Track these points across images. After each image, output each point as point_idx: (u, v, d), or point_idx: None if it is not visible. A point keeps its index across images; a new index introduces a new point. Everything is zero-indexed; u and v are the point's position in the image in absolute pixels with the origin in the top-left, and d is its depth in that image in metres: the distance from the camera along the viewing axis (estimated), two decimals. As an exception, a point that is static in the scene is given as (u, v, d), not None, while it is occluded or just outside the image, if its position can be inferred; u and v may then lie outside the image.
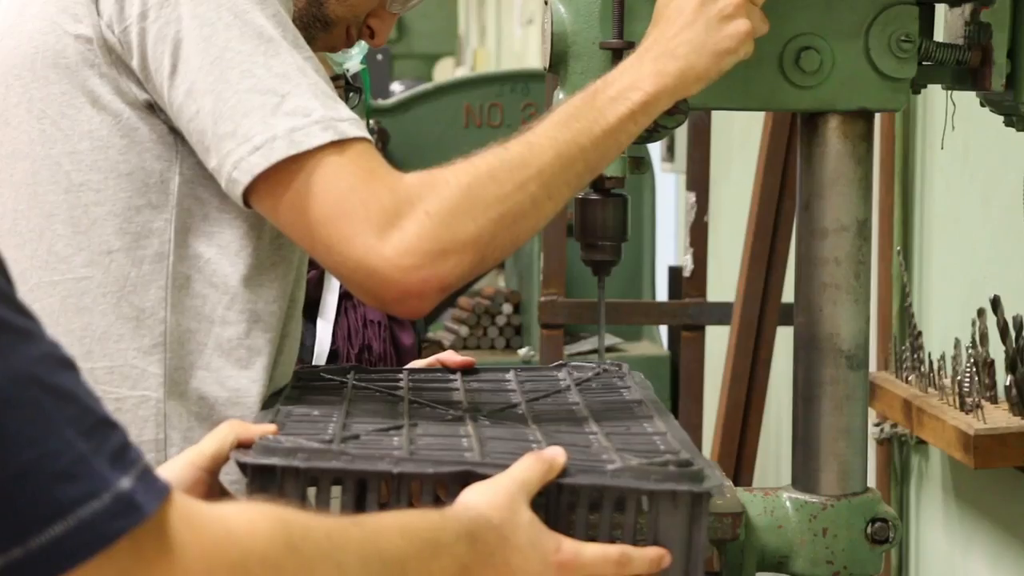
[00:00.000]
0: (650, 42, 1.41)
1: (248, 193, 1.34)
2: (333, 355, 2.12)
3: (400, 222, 1.30)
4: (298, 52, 1.36)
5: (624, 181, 1.52)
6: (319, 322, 2.13)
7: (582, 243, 1.53)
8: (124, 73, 1.39)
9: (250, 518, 0.93)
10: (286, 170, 1.32)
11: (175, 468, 1.23)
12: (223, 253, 1.42)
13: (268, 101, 1.32)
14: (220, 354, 1.43)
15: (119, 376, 1.41)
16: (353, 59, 2.06)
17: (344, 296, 2.27)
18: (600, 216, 1.51)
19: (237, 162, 1.32)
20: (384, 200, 1.31)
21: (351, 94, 2.05)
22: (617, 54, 1.46)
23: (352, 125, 1.34)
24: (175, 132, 1.39)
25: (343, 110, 1.35)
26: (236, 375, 1.43)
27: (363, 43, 2.02)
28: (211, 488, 1.24)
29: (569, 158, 1.36)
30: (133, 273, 1.41)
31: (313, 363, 2.10)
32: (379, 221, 1.30)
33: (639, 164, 1.53)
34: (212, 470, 1.24)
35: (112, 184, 1.40)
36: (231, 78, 1.32)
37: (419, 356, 1.85)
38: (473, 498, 1.14)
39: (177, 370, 1.42)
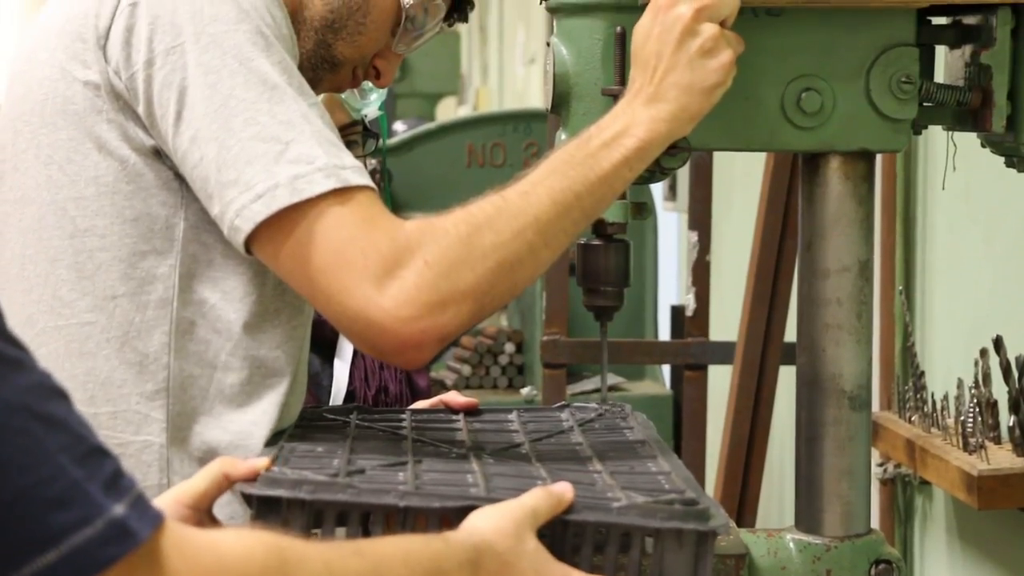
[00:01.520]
0: (637, 88, 1.42)
1: (250, 241, 1.34)
2: (350, 396, 2.12)
3: (399, 271, 1.30)
4: (303, 99, 1.36)
5: (626, 227, 1.52)
6: (336, 363, 2.13)
7: (584, 289, 1.53)
8: (131, 119, 1.39)
9: (245, 544, 0.93)
10: (288, 218, 1.32)
11: (161, 504, 1.23)
12: (227, 299, 1.42)
13: (271, 149, 1.32)
14: (222, 400, 1.43)
15: (122, 421, 1.41)
16: (371, 105, 2.07)
17: None
18: (602, 262, 1.52)
19: (239, 210, 1.33)
20: (383, 249, 1.31)
21: (368, 140, 2.06)
22: (618, 100, 1.46)
23: (355, 173, 1.34)
24: (180, 178, 1.40)
25: (347, 157, 1.35)
26: (238, 419, 1.43)
27: (383, 90, 2.03)
28: (199, 525, 1.23)
29: (565, 205, 1.36)
30: (137, 318, 1.41)
31: (330, 404, 2.09)
32: (378, 271, 1.30)
33: (641, 210, 1.54)
34: (201, 507, 1.24)
35: (117, 230, 1.41)
36: (235, 126, 1.33)
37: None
38: (479, 523, 1.14)
39: (180, 415, 1.42)
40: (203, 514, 1.24)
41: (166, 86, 1.36)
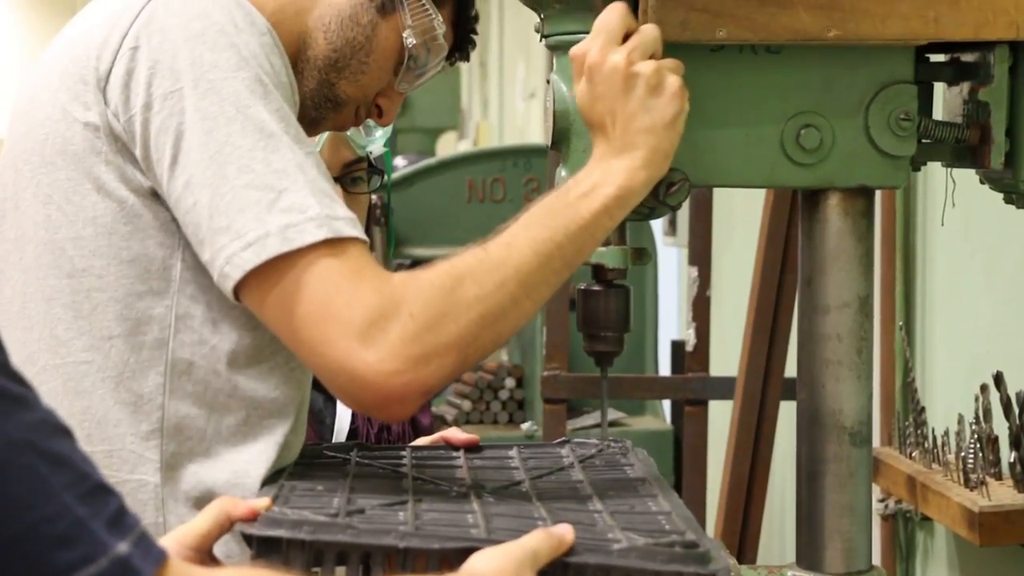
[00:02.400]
0: (603, 149, 1.42)
1: (238, 288, 1.34)
2: (352, 434, 2.11)
3: (384, 324, 1.30)
4: (299, 147, 1.36)
5: (626, 273, 1.52)
6: (339, 401, 2.13)
7: (584, 334, 1.53)
8: (129, 161, 1.40)
9: None
10: (276, 267, 1.32)
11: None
12: (225, 340, 1.42)
13: (264, 197, 1.32)
14: (219, 440, 1.43)
15: (118, 460, 1.41)
16: (376, 142, 2.08)
17: None
18: (602, 307, 1.52)
19: (229, 257, 1.33)
20: (369, 302, 1.31)
21: (373, 176, 2.07)
22: None
23: (347, 224, 1.34)
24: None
25: (340, 209, 1.35)
26: (235, 459, 1.43)
27: (388, 126, 2.04)
28: (202, 565, 1.23)
29: (546, 256, 1.37)
30: (132, 359, 1.41)
31: (332, 442, 2.09)
32: (362, 324, 1.30)
33: (641, 255, 1.54)
34: (201, 548, 1.23)
35: (114, 270, 1.41)
36: (229, 173, 1.33)
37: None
38: (480, 564, 1.14)
39: (174, 455, 1.42)
40: (204, 555, 1.24)
41: (163, 130, 1.36)
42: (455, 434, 1.63)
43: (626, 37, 1.42)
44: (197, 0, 1.40)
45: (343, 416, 2.12)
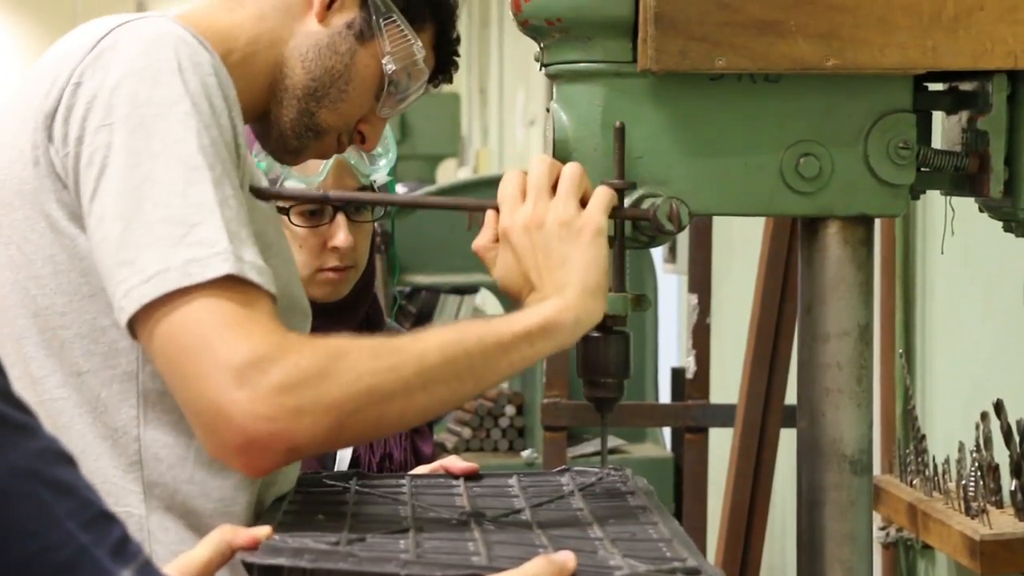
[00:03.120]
0: (533, 297, 1.42)
1: (133, 322, 1.32)
2: (355, 462, 2.11)
3: (265, 367, 1.27)
4: (225, 187, 1.35)
5: (626, 320, 1.52)
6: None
7: (584, 380, 1.53)
8: (74, 197, 1.40)
9: None
10: (170, 302, 1.29)
11: None
12: None
13: (175, 232, 1.31)
14: (201, 466, 1.42)
15: (102, 493, 1.40)
16: (380, 171, 2.08)
17: None
18: (602, 354, 1.51)
19: (128, 291, 1.31)
20: (255, 343, 1.28)
21: (377, 205, 2.07)
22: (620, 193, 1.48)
23: (253, 269, 1.32)
24: None
25: (250, 253, 1.33)
26: (221, 485, 1.42)
27: (391, 155, 2.03)
28: None
29: (452, 356, 1.34)
30: (103, 393, 1.41)
31: (335, 470, 2.09)
32: (242, 362, 1.27)
33: (640, 302, 1.53)
34: None
35: (76, 306, 1.40)
36: (145, 208, 1.32)
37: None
38: None
39: (157, 485, 1.41)
40: None
41: (89, 164, 1.36)
42: (454, 463, 1.63)
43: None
44: (145, 38, 1.40)
45: (345, 446, 2.12)
